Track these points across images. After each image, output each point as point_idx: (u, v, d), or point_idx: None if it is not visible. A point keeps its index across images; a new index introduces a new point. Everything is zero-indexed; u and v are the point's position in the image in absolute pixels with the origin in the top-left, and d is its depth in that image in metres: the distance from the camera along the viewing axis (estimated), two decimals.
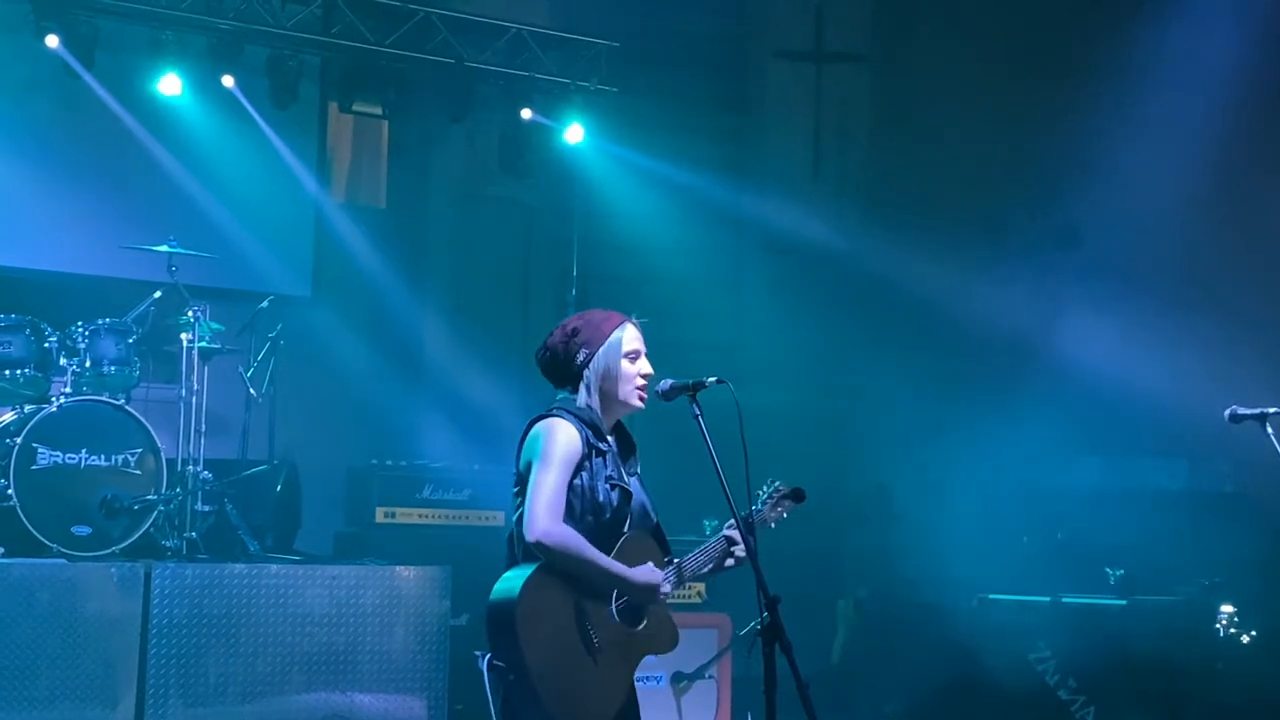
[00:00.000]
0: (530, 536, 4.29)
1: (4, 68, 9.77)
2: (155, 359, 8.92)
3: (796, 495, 4.73)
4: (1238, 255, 10.21)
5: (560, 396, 4.56)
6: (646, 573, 4.42)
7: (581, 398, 4.53)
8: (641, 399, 4.51)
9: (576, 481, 4.42)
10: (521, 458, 4.49)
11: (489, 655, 4.30)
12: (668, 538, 4.68)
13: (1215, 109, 10.20)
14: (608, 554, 4.40)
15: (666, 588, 4.48)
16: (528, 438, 4.49)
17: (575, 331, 4.54)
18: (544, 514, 4.30)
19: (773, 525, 4.71)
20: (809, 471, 4.84)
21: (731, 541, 4.55)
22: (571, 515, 4.42)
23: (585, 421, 4.47)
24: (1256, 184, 10.18)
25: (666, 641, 4.58)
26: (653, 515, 4.61)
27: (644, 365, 4.52)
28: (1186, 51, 10.36)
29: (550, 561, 4.30)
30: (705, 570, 4.58)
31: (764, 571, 4.24)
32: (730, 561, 4.58)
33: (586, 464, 4.43)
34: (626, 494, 4.51)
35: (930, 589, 10.32)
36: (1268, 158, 10.26)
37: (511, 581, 4.31)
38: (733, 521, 4.48)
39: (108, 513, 7.94)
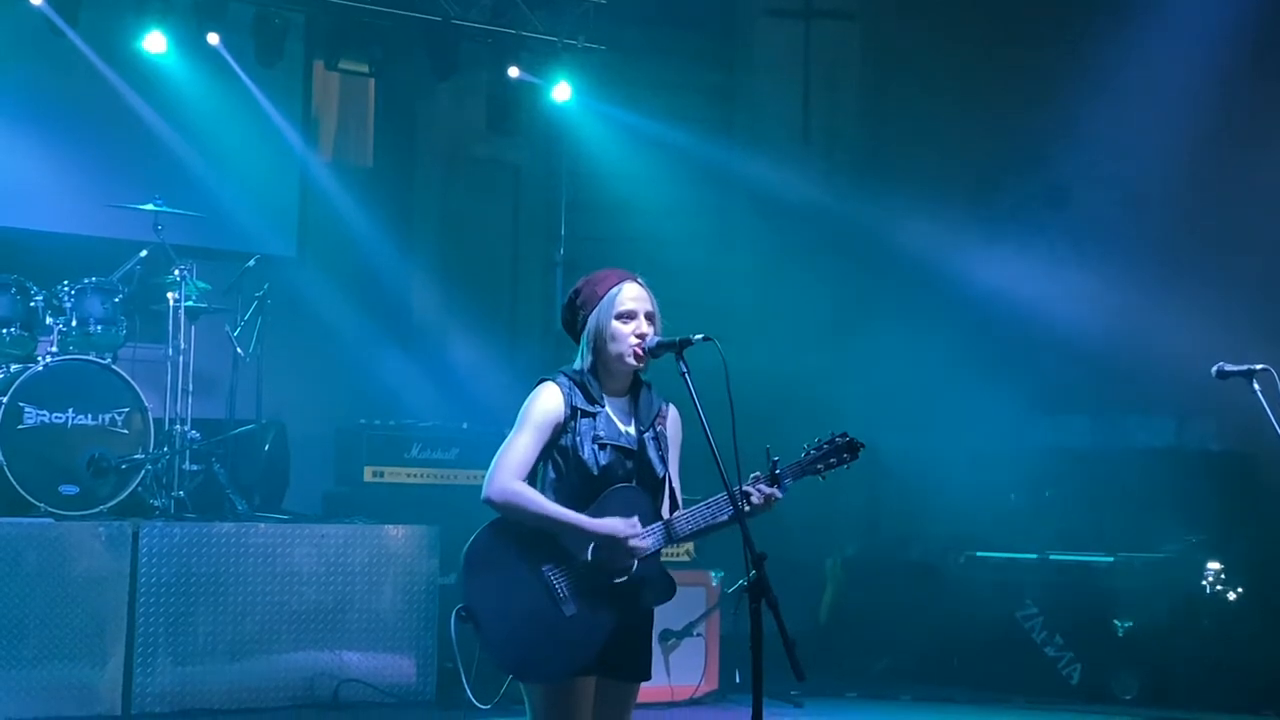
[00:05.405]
0: (482, 494, 4.45)
1: None
2: (142, 318, 8.89)
3: (852, 447, 4.63)
4: (1225, 213, 10.21)
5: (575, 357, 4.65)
6: (609, 523, 4.43)
7: (579, 358, 4.59)
8: (637, 357, 4.51)
9: (563, 442, 4.50)
10: None
11: (458, 607, 4.43)
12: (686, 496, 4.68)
13: (1204, 69, 10.19)
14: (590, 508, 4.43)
15: (645, 542, 4.46)
16: None
17: (578, 292, 4.61)
18: (497, 473, 4.44)
19: (823, 478, 4.64)
20: (797, 430, 4.79)
21: (744, 495, 4.47)
22: (559, 474, 4.50)
23: (576, 384, 4.51)
24: (1244, 143, 10.17)
25: (658, 594, 4.57)
26: (659, 470, 4.60)
27: (640, 324, 4.51)
28: (1176, 12, 10.33)
29: (504, 516, 4.44)
30: (704, 526, 4.54)
31: (751, 529, 4.24)
32: (757, 498, 4.43)
33: (571, 425, 4.48)
34: (623, 451, 4.51)
35: (918, 547, 10.36)
36: (1255, 117, 10.25)
37: (472, 535, 4.48)
38: (756, 475, 4.48)
39: (95, 472, 7.92)
